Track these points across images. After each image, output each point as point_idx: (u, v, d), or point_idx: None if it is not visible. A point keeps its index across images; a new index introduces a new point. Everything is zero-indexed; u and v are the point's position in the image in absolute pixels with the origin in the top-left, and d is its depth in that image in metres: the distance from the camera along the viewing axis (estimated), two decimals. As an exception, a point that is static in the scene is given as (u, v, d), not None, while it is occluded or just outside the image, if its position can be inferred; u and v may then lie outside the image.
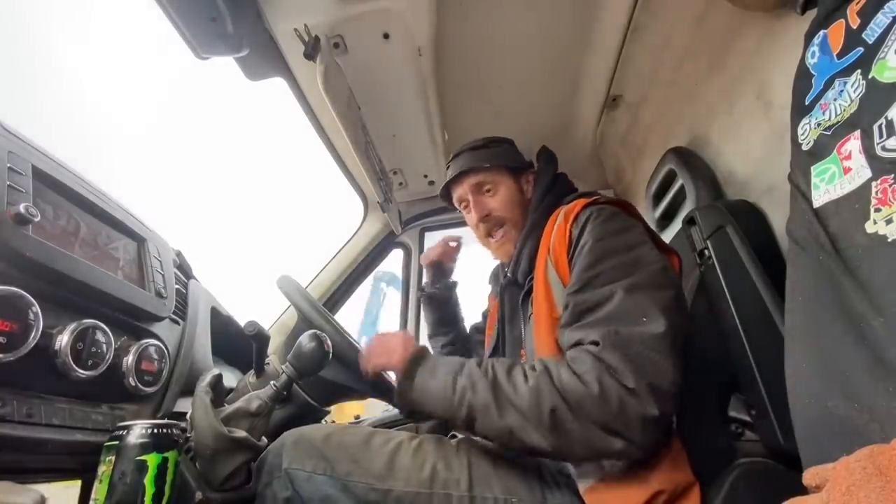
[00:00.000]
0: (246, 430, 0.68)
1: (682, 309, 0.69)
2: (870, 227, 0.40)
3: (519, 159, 1.10)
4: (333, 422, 1.51)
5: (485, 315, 1.35)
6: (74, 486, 0.55)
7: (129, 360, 0.64)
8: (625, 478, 0.66)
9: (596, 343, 0.65)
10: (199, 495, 0.63)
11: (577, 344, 0.67)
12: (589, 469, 0.69)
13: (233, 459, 0.66)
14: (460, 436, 0.83)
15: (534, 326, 0.81)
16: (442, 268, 1.40)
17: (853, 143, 0.43)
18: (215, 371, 0.75)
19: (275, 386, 0.71)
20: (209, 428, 0.63)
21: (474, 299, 1.44)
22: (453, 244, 1.40)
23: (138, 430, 0.53)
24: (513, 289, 1.00)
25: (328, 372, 0.90)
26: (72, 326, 0.55)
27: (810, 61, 0.53)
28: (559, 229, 0.83)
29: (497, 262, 1.20)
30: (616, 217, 0.78)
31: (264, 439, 0.73)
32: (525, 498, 0.71)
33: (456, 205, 1.14)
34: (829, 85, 0.49)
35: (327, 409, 1.03)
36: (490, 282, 1.28)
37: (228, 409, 0.69)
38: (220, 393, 0.74)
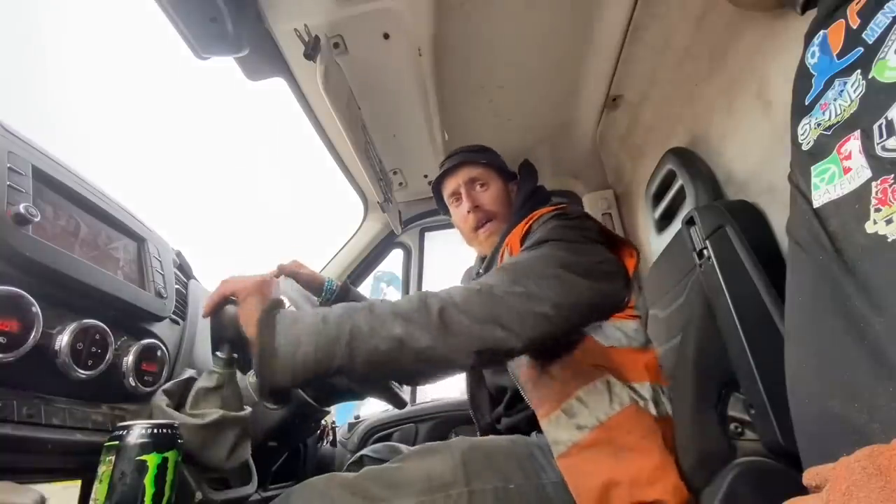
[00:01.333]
0: (219, 405, 0.67)
1: (593, 281, 0.74)
2: (870, 227, 0.40)
3: (508, 168, 1.20)
4: (333, 422, 1.51)
5: None
6: (74, 487, 0.55)
7: (129, 360, 0.64)
8: (596, 447, 0.71)
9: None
10: (199, 495, 0.63)
11: None
12: (562, 438, 0.74)
13: (222, 440, 0.66)
14: (453, 438, 0.84)
15: None
16: (309, 285, 1.14)
17: (853, 143, 0.43)
18: (185, 374, 0.74)
19: (220, 356, 0.69)
20: (181, 427, 0.63)
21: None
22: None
23: (138, 431, 0.53)
24: None
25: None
26: (72, 326, 0.55)
27: (810, 61, 0.53)
28: (520, 227, 0.92)
29: (471, 264, 1.26)
30: (576, 220, 0.86)
31: (247, 408, 0.73)
32: (521, 482, 0.74)
33: (446, 199, 1.20)
34: (829, 85, 0.49)
35: (327, 409, 1.03)
36: (462, 282, 1.28)
37: (189, 395, 0.69)
38: (188, 392, 0.73)
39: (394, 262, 1.91)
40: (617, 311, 0.84)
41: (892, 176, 0.39)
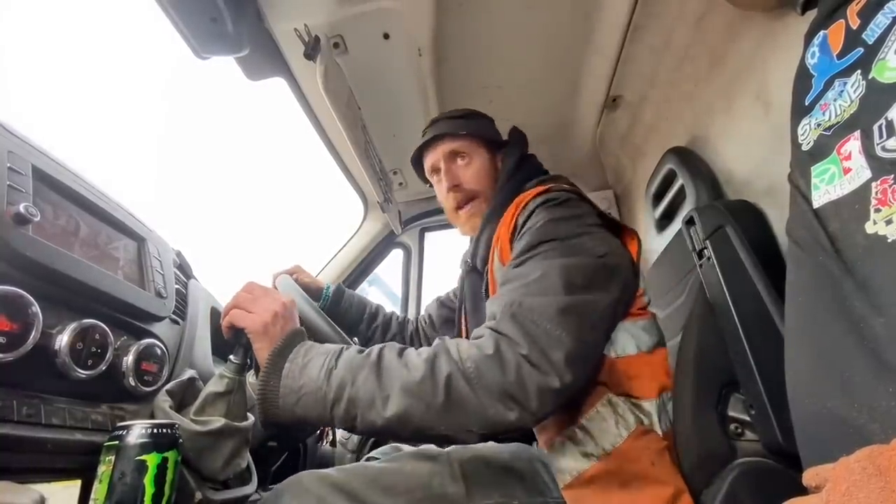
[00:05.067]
0: (224, 412, 0.67)
1: (605, 291, 0.69)
2: (870, 228, 0.40)
3: (496, 136, 1.07)
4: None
5: (454, 293, 1.28)
6: (74, 486, 0.55)
7: (129, 359, 0.64)
8: (603, 478, 0.66)
9: (494, 317, 0.65)
10: (198, 495, 0.63)
11: (489, 319, 0.67)
12: (567, 466, 0.68)
13: (220, 449, 0.66)
14: (450, 448, 0.82)
15: None
16: (307, 291, 1.10)
17: (853, 144, 0.43)
18: (187, 373, 0.74)
19: (233, 360, 0.69)
20: (181, 430, 0.63)
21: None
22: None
23: (138, 430, 0.53)
24: (473, 276, 0.99)
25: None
26: (72, 326, 0.55)
27: (810, 62, 0.53)
28: (507, 219, 0.83)
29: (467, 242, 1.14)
30: (566, 204, 0.77)
31: (250, 416, 0.72)
32: (523, 499, 0.72)
33: (427, 175, 1.10)
34: (829, 85, 0.49)
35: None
36: (461, 265, 1.21)
37: (199, 398, 0.69)
38: (192, 394, 0.73)
39: (394, 262, 1.91)
40: (629, 309, 0.76)
41: (892, 176, 0.39)
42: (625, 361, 0.72)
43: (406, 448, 1.05)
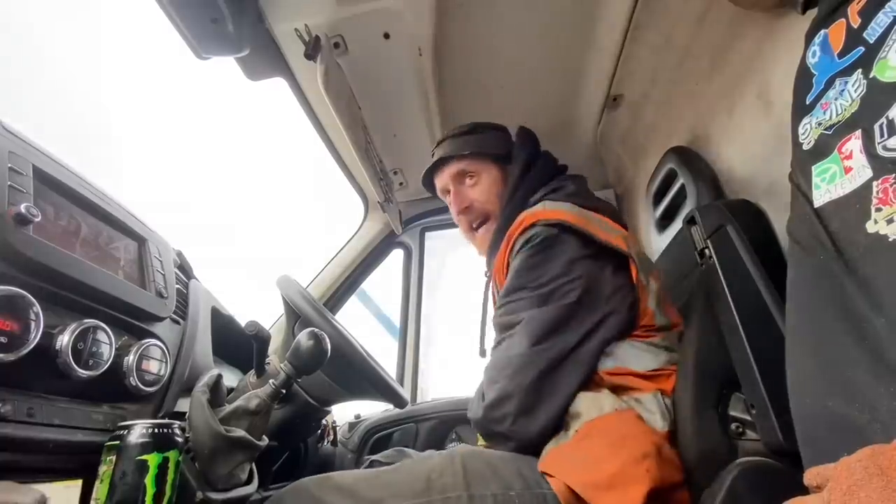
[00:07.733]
0: (245, 429, 0.68)
1: (575, 331, 0.77)
2: (871, 227, 0.40)
3: (506, 147, 1.06)
4: (334, 422, 1.51)
5: None
6: (75, 486, 0.55)
7: (130, 360, 0.64)
8: (580, 440, 0.72)
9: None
10: (199, 495, 0.63)
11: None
12: (552, 444, 0.75)
13: (232, 459, 0.66)
14: (452, 445, 0.86)
15: None
16: None
17: (854, 143, 0.43)
18: (215, 371, 0.75)
19: (273, 384, 0.71)
20: (206, 427, 0.63)
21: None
22: None
23: (139, 430, 0.53)
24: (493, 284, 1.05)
25: (328, 371, 0.90)
26: (73, 326, 0.55)
27: (811, 61, 0.53)
28: (501, 255, 0.90)
29: (471, 263, 1.29)
30: (545, 243, 0.81)
31: (265, 438, 0.73)
32: (521, 489, 0.72)
33: (440, 196, 1.12)
34: (829, 84, 0.49)
35: (328, 408, 1.03)
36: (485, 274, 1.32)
37: (228, 408, 0.69)
38: (219, 393, 0.74)
39: (394, 262, 1.91)
40: (626, 331, 0.80)
41: (893, 175, 0.38)
42: (621, 376, 0.78)
43: (410, 451, 1.06)
